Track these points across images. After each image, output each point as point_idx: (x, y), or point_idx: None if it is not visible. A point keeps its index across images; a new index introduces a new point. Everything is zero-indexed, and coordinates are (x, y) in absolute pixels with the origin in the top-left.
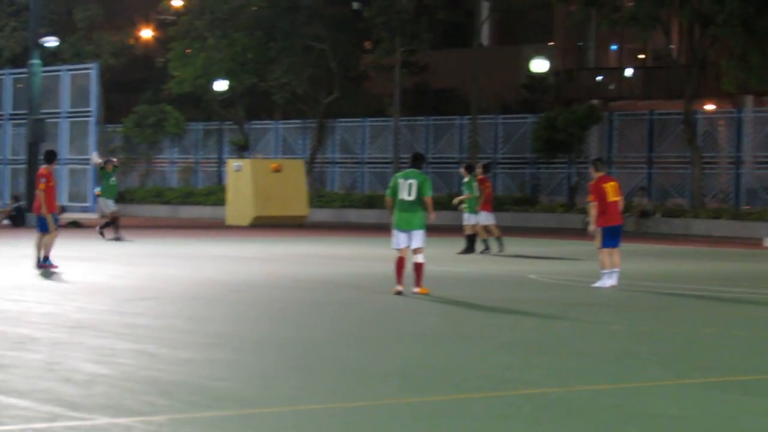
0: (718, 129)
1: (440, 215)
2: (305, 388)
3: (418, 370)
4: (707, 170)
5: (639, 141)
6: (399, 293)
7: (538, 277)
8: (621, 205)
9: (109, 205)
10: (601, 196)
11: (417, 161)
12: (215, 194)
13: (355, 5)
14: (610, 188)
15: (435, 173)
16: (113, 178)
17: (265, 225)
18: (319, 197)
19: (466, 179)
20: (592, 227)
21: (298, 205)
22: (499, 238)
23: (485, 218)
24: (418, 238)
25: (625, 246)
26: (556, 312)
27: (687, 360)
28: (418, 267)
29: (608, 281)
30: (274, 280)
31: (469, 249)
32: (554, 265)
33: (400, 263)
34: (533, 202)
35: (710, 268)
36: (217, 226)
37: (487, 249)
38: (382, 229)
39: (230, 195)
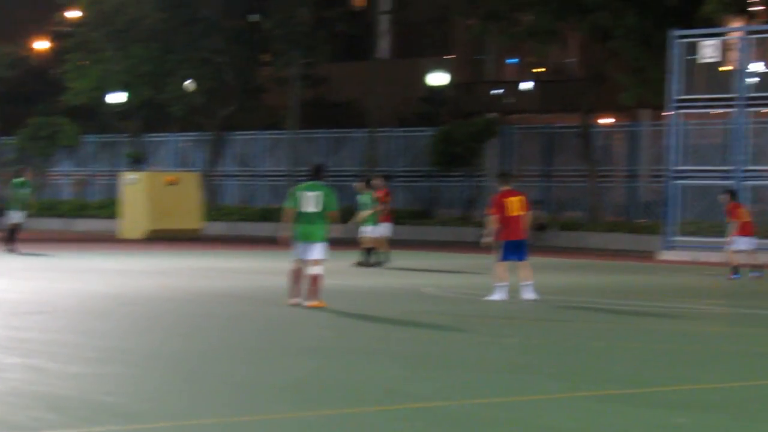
0: (615, 143)
1: (337, 228)
2: (197, 403)
3: (313, 384)
4: (603, 184)
5: (536, 154)
6: (296, 305)
7: (434, 290)
8: (526, 220)
9: (16, 217)
10: (502, 210)
11: (319, 173)
12: (109, 207)
13: (253, 18)
14: (514, 203)
15: (333, 186)
16: (26, 189)
17: (160, 238)
18: (214, 210)
19: (363, 194)
20: (486, 240)
21: (192, 218)
22: (385, 252)
23: (385, 230)
24: (319, 250)
25: None
26: (451, 325)
27: (582, 373)
28: (315, 279)
29: (500, 295)
30: (167, 293)
31: (366, 261)
32: (450, 279)
33: (297, 274)
34: (430, 216)
35: (605, 281)
36: (111, 240)
37: (383, 261)
38: (278, 243)
39: (125, 208)
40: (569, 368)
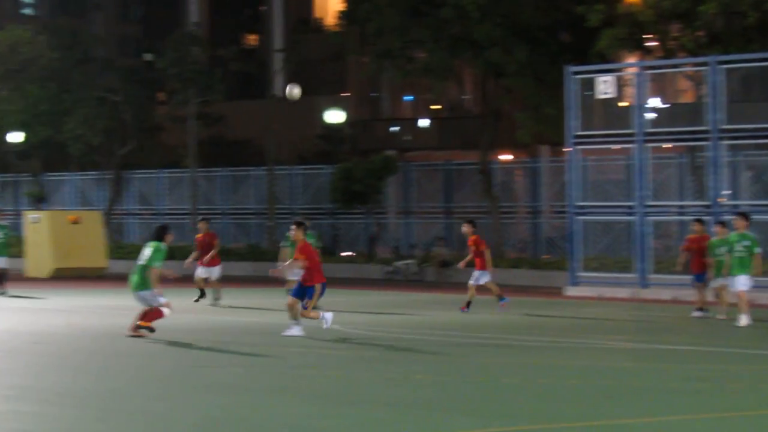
0: (515, 179)
1: (242, 266)
2: None
3: (224, 421)
4: (505, 220)
5: (436, 191)
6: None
7: (340, 327)
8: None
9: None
10: (311, 257)
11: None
12: (13, 246)
13: (148, 56)
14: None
15: (233, 224)
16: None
17: (65, 276)
18: (117, 249)
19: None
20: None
21: (96, 256)
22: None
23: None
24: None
25: (426, 296)
26: (359, 362)
27: (492, 408)
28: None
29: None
30: (76, 331)
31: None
32: (355, 316)
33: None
34: (332, 253)
35: (512, 318)
36: (17, 278)
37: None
38: (180, 281)
39: (29, 247)
40: (480, 404)
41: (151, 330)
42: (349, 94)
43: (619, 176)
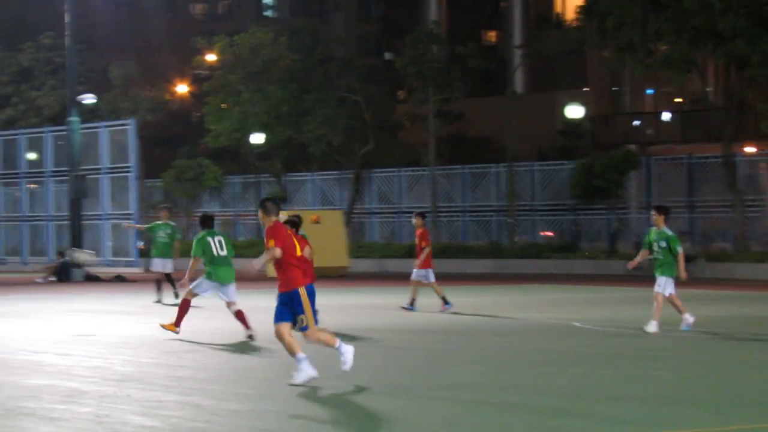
0: (760, 171)
1: (483, 264)
2: None
3: (463, 419)
4: (750, 213)
5: (679, 185)
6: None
7: (581, 324)
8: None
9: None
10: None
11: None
12: (257, 246)
13: (387, 55)
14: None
15: (473, 221)
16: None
17: None
18: (358, 247)
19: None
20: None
21: (338, 255)
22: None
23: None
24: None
25: None
26: (600, 358)
27: (736, 404)
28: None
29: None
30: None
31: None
32: (597, 313)
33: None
34: (574, 249)
35: (757, 313)
36: (260, 278)
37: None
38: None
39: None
40: (723, 400)
41: None
42: (588, 88)
43: None
